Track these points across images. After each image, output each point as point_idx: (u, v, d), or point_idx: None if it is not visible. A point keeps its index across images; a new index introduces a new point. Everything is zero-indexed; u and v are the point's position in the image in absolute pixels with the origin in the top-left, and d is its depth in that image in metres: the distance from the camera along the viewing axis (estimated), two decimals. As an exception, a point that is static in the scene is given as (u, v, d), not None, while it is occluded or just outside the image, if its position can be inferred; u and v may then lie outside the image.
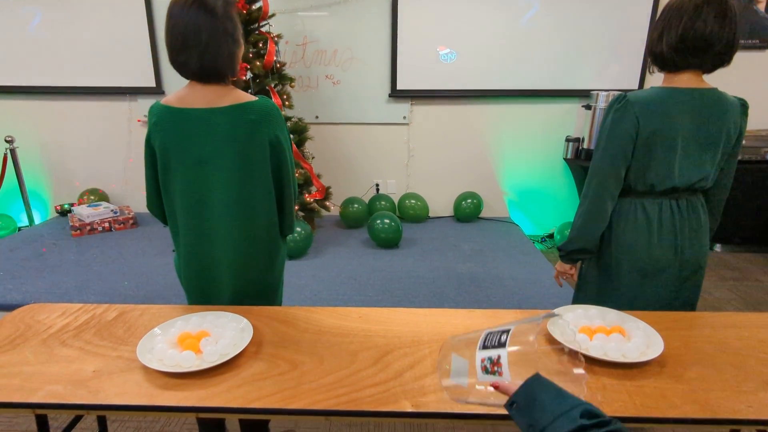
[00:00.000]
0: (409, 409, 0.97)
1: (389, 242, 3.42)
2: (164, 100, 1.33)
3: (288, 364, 1.11)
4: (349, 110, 3.93)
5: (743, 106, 1.41)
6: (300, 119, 3.45)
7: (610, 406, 0.97)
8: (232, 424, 1.87)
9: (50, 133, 4.09)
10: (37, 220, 4.13)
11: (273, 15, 3.26)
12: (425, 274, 3.01)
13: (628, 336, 1.18)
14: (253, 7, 3.11)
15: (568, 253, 1.57)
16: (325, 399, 0.99)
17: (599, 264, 1.57)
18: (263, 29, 3.23)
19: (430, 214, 4.13)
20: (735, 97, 1.40)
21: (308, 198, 3.43)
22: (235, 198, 1.36)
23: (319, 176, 3.54)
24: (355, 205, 3.86)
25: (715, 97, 1.36)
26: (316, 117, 3.92)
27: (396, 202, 4.07)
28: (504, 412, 0.96)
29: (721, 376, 1.07)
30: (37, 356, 1.14)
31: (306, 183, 3.43)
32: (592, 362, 1.11)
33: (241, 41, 1.34)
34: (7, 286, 2.79)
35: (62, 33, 3.80)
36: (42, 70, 3.89)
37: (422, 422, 1.89)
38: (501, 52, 3.72)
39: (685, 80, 1.37)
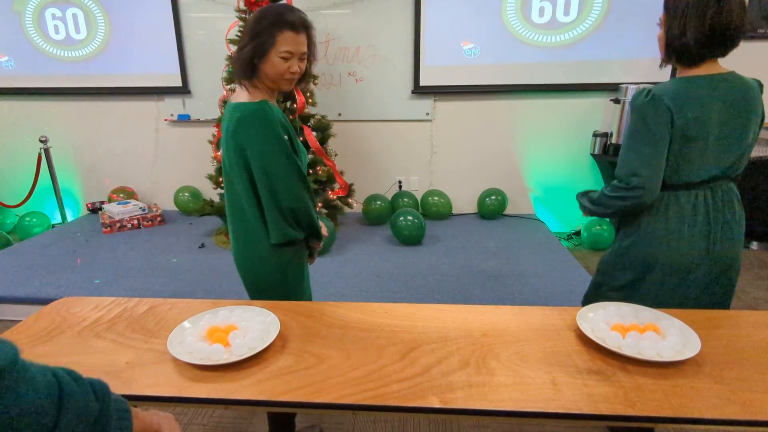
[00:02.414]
0: (437, 405, 0.96)
1: (412, 239, 3.41)
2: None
3: (315, 359, 1.11)
4: (372, 107, 3.93)
5: (760, 86, 1.41)
6: (323, 116, 3.47)
7: (646, 407, 0.94)
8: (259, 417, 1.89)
9: (82, 133, 4.21)
10: (69, 218, 4.26)
11: (296, 13, 3.27)
12: (449, 271, 2.99)
13: (663, 334, 1.14)
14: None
15: (582, 207, 1.59)
16: (353, 394, 0.99)
17: (626, 259, 1.52)
18: (287, 27, 3.25)
19: (454, 211, 4.10)
20: (751, 78, 1.40)
21: (331, 195, 3.44)
22: (228, 196, 1.48)
23: (341, 173, 3.54)
24: (378, 202, 3.85)
25: (737, 80, 1.36)
26: (339, 114, 3.93)
27: (419, 199, 4.05)
28: (531, 409, 0.95)
29: (763, 377, 1.02)
30: (72, 347, 1.17)
31: (329, 180, 3.44)
32: (625, 361, 1.08)
33: (251, 44, 1.34)
34: (42, 280, 2.89)
35: (93, 35, 3.90)
36: (74, 71, 4.00)
37: (447, 419, 1.88)
38: (525, 46, 3.65)
39: (705, 68, 1.35)
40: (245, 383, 1.02)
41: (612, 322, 1.20)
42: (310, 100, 3.36)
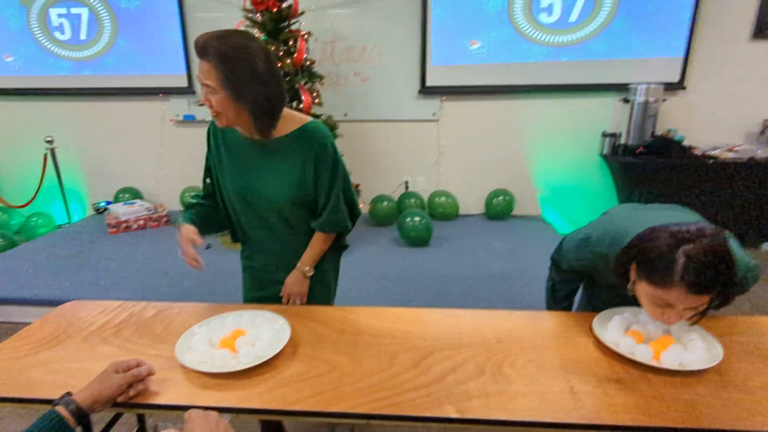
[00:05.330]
0: (454, 415, 0.94)
1: (419, 240, 3.38)
2: None
3: (326, 366, 1.08)
4: (379, 107, 3.90)
5: None
6: (329, 116, 3.44)
7: (669, 417, 0.91)
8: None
9: (87, 134, 4.20)
10: (75, 218, 4.25)
11: (303, 13, 3.25)
12: (457, 273, 2.96)
13: (684, 342, 1.11)
14: (284, 5, 3.10)
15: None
16: (366, 402, 0.97)
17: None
18: (293, 27, 3.23)
19: (461, 212, 4.06)
20: None
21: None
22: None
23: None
24: (385, 203, 3.83)
25: None
26: (345, 114, 3.91)
27: (426, 199, 4.02)
28: (550, 419, 0.92)
29: (790, 387, 0.99)
30: (79, 353, 1.15)
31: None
32: (645, 369, 1.05)
33: None
34: (47, 282, 2.88)
35: (99, 35, 3.90)
36: (80, 71, 4.00)
37: (460, 429, 1.84)
38: (533, 46, 3.62)
39: None
40: (256, 391, 1.00)
41: (629, 329, 1.16)
42: (316, 100, 3.33)
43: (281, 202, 1.35)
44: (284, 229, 1.41)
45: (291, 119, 1.32)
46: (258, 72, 1.17)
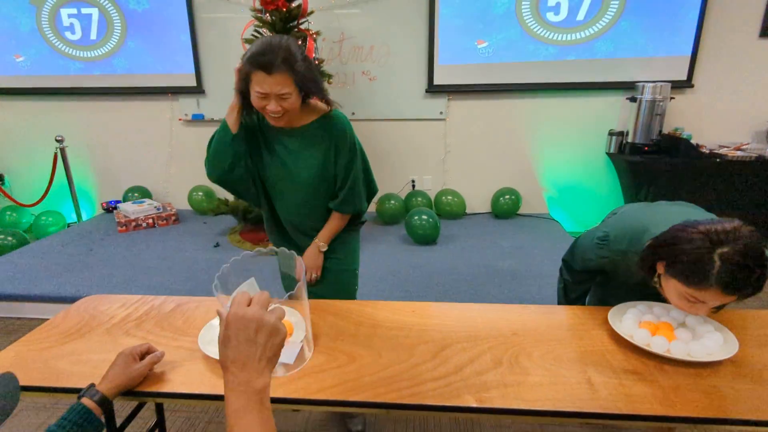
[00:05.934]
0: (473, 405, 0.95)
1: (427, 239, 3.39)
2: None
3: (346, 357, 1.10)
4: (386, 106, 3.92)
5: None
6: (337, 116, 3.46)
7: (687, 408, 0.93)
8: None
9: (97, 133, 4.24)
10: (84, 217, 4.28)
11: (312, 12, 3.27)
12: (465, 271, 2.97)
13: (698, 334, 1.12)
14: (293, 4, 3.13)
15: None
16: (387, 392, 0.98)
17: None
18: (302, 27, 3.25)
19: (467, 211, 4.08)
20: None
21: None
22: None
23: (356, 172, 3.54)
24: (392, 202, 3.84)
25: None
26: (353, 113, 3.93)
27: (432, 198, 4.04)
28: (569, 409, 0.93)
29: (805, 378, 1.00)
30: (103, 345, 1.17)
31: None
32: (661, 360, 1.07)
33: (239, 73, 1.41)
34: (60, 279, 2.90)
35: (109, 35, 3.93)
36: (90, 71, 4.04)
37: (469, 419, 1.86)
38: (540, 45, 3.63)
39: None
40: (278, 381, 1.02)
41: (644, 321, 1.18)
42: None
43: (306, 183, 1.48)
44: (304, 208, 1.55)
45: (314, 109, 1.46)
46: (308, 59, 1.33)
